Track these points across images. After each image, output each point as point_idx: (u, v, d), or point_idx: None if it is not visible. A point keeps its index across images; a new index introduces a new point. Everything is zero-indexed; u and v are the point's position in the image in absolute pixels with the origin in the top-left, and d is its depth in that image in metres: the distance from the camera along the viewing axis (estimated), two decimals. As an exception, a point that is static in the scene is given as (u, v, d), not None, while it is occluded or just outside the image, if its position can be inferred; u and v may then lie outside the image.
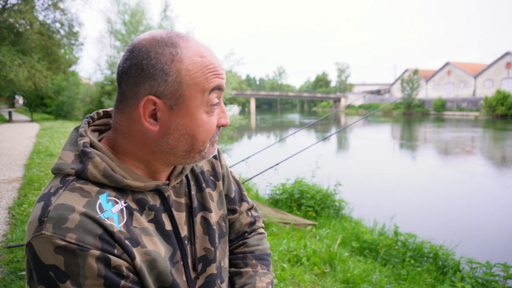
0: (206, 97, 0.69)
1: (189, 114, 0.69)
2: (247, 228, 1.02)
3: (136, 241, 0.67)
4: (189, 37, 0.71)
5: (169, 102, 0.67)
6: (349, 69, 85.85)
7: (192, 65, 0.67)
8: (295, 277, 2.91)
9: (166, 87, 0.66)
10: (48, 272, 0.59)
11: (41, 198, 0.65)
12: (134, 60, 0.66)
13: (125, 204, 0.69)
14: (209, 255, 0.83)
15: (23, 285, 2.53)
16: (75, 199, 0.63)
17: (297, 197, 5.77)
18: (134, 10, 23.17)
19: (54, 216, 0.60)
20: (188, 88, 0.67)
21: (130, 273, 0.65)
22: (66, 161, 0.68)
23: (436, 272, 3.95)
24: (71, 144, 0.72)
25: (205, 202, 0.86)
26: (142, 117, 0.67)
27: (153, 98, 0.66)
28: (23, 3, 15.74)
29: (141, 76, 0.66)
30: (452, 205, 7.77)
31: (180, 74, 0.66)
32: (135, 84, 0.67)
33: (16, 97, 47.50)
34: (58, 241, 0.58)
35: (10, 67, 15.54)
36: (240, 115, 28.70)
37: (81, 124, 0.75)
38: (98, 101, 25.50)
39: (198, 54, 0.68)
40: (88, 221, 0.61)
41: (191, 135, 0.70)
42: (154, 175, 0.76)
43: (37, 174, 6.08)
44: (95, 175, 0.66)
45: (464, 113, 44.91)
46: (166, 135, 0.69)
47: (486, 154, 15.49)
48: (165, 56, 0.66)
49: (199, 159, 0.75)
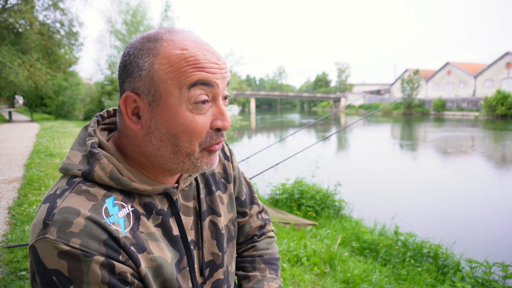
0: (185, 93, 0.63)
1: (168, 112, 0.64)
2: (256, 231, 1.00)
3: (142, 247, 0.66)
4: (180, 31, 0.67)
5: (147, 98, 0.64)
6: (349, 69, 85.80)
7: (167, 58, 0.63)
8: (295, 277, 2.91)
9: (141, 83, 0.64)
10: (51, 277, 0.58)
11: (47, 199, 0.63)
12: (121, 60, 0.68)
13: (132, 208, 0.67)
14: (216, 260, 0.82)
15: (23, 285, 2.52)
16: (80, 202, 0.61)
17: (297, 197, 5.77)
18: (135, 10, 23.19)
19: (58, 220, 0.59)
20: (162, 83, 0.63)
21: (135, 280, 0.64)
22: (73, 162, 0.67)
23: (436, 272, 3.95)
24: (80, 143, 0.70)
25: (215, 206, 0.84)
26: (125, 114, 0.66)
27: (131, 95, 0.65)
28: (23, 3, 15.74)
29: (124, 75, 0.66)
30: (452, 204, 7.76)
31: (152, 68, 0.63)
32: (122, 83, 0.67)
33: (16, 97, 47.49)
34: (62, 246, 0.57)
35: (10, 68, 15.53)
36: (240, 115, 28.73)
37: (90, 123, 0.73)
38: (98, 101, 25.52)
39: (179, 47, 0.64)
40: (93, 226, 0.60)
41: (173, 134, 0.65)
42: (160, 177, 0.73)
43: (37, 174, 6.08)
44: (102, 178, 0.65)
45: (464, 113, 44.90)
46: (148, 134, 0.66)
47: (486, 154, 15.49)
48: (142, 51, 0.64)
49: (190, 167, 0.68)
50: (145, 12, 23.42)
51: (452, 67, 57.95)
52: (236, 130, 20.25)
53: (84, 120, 25.97)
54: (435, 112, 48.87)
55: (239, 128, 21.64)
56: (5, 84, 17.43)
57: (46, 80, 18.84)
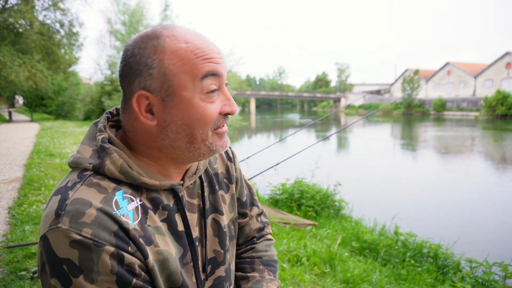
0: (198, 84, 0.67)
1: (183, 104, 0.67)
2: (256, 233, 1.02)
3: (149, 239, 0.67)
4: (175, 26, 0.70)
5: (160, 94, 0.66)
6: (349, 69, 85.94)
7: (176, 53, 0.65)
8: (295, 277, 2.91)
9: (153, 81, 0.66)
10: (61, 266, 0.58)
11: (58, 191, 0.64)
12: (124, 61, 0.68)
13: (141, 202, 0.69)
14: (218, 258, 0.84)
15: (23, 285, 2.52)
16: (92, 194, 0.63)
17: (297, 197, 5.77)
18: (134, 10, 23.19)
19: (71, 210, 0.60)
20: (175, 77, 0.66)
21: (142, 272, 0.65)
22: (84, 156, 0.68)
23: (436, 272, 3.95)
24: (90, 139, 0.72)
25: (217, 205, 0.86)
26: (139, 113, 0.68)
27: (144, 93, 0.67)
28: (23, 3, 15.73)
29: (130, 75, 0.67)
30: (452, 204, 7.76)
31: (163, 65, 0.65)
32: (129, 83, 0.68)
33: (16, 97, 47.50)
34: (74, 235, 0.58)
35: (11, 68, 15.53)
36: (240, 115, 28.70)
37: (100, 119, 0.75)
38: (98, 101, 25.50)
39: (183, 40, 0.66)
40: (105, 217, 0.61)
41: (188, 124, 0.68)
42: (167, 173, 0.76)
43: (37, 174, 6.08)
44: (112, 171, 0.66)
45: (464, 113, 44.92)
46: (164, 128, 0.68)
47: (486, 154, 15.49)
48: (148, 49, 0.66)
49: (206, 152, 0.72)
50: (144, 12, 23.41)
51: (452, 67, 57.96)
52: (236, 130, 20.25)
53: (84, 120, 25.97)
54: (435, 112, 48.88)
55: (239, 128, 21.64)
56: (5, 84, 17.43)
57: (46, 80, 18.84)
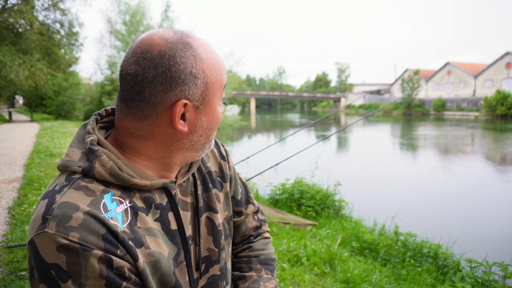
0: (221, 92, 0.74)
1: (211, 111, 0.73)
2: (252, 232, 1.01)
3: (139, 242, 0.66)
4: (193, 34, 0.71)
5: (197, 102, 0.69)
6: (349, 69, 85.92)
7: (210, 63, 0.69)
8: (295, 277, 2.91)
9: (196, 90, 0.68)
10: (49, 271, 0.58)
11: (46, 195, 0.64)
12: (160, 68, 0.64)
13: (130, 204, 0.68)
14: (212, 256, 0.83)
15: (23, 285, 2.52)
16: (79, 197, 0.62)
17: (297, 197, 5.77)
18: (134, 10, 23.19)
19: (57, 214, 0.59)
20: (212, 87, 0.70)
21: (132, 275, 0.64)
22: (73, 158, 0.67)
23: (436, 272, 3.95)
24: (79, 141, 0.71)
25: (211, 203, 0.86)
26: (176, 121, 0.68)
27: (185, 102, 0.67)
28: (23, 3, 15.74)
29: (170, 83, 0.65)
30: (452, 204, 7.76)
31: (206, 75, 0.69)
32: (165, 91, 0.65)
33: (16, 97, 47.47)
34: (60, 240, 0.57)
35: (11, 67, 15.54)
36: (240, 115, 28.71)
37: (89, 121, 0.74)
38: (98, 101, 25.51)
39: (209, 51, 0.70)
40: (92, 220, 0.60)
41: (210, 128, 0.74)
42: (165, 174, 0.76)
43: (37, 174, 6.08)
44: (102, 174, 0.66)
45: (464, 113, 44.90)
46: (191, 133, 0.71)
47: (486, 154, 15.49)
48: (189, 59, 0.66)
49: (208, 148, 0.79)
50: (144, 12, 23.41)
51: (452, 67, 57.93)
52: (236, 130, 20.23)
53: (84, 120, 25.91)
54: (435, 112, 48.86)
55: (239, 128, 21.63)
56: (5, 83, 17.43)
57: (46, 80, 18.84)
